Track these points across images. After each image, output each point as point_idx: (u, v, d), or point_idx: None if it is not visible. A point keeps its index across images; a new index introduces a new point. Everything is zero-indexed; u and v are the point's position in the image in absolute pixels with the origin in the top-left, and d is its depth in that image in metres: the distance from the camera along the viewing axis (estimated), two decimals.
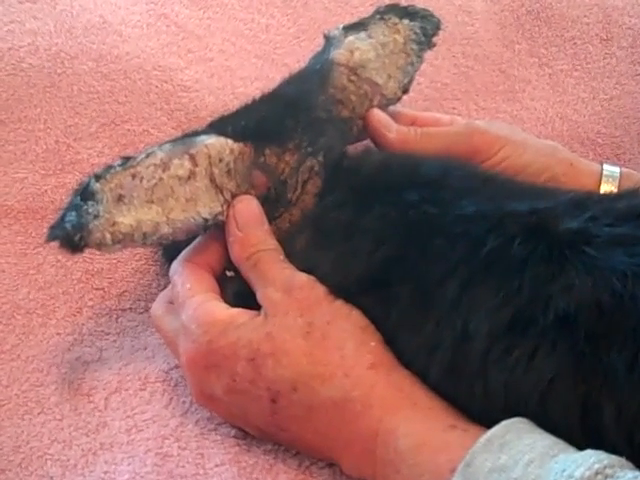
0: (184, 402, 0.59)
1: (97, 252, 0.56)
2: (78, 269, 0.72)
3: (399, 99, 0.71)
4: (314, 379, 0.51)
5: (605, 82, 0.88)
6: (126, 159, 0.55)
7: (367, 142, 0.70)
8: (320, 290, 0.54)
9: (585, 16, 0.92)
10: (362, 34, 0.70)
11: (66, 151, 0.77)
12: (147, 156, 0.55)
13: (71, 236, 0.52)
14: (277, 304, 0.53)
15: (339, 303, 0.53)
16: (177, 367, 0.62)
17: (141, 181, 0.55)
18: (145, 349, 0.65)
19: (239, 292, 0.58)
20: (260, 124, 0.61)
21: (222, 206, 0.57)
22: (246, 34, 0.86)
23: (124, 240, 0.54)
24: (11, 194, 0.75)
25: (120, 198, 0.54)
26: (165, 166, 0.55)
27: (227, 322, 0.53)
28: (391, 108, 0.71)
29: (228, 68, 0.83)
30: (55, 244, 0.53)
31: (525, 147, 0.67)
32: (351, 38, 0.70)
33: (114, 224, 0.53)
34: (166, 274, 0.63)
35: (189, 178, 0.56)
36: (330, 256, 0.56)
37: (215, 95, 0.81)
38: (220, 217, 0.57)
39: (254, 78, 0.83)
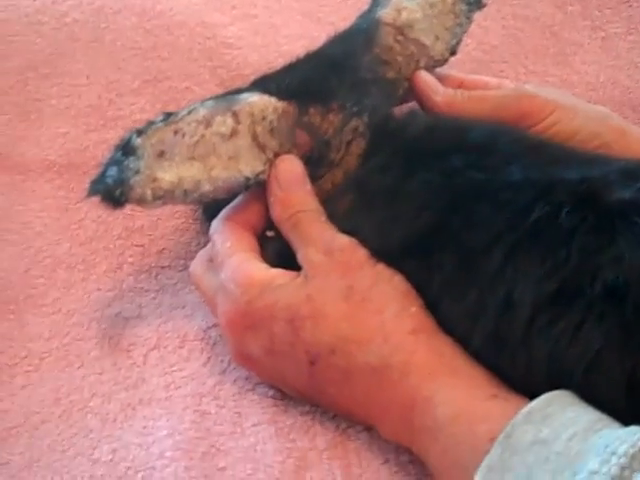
0: (222, 361, 0.59)
1: (138, 208, 0.56)
2: (118, 225, 0.71)
3: (446, 61, 0.69)
4: (352, 343, 0.50)
5: None
6: (168, 115, 0.54)
7: (413, 104, 0.68)
8: (361, 253, 0.53)
9: None
10: None
11: (108, 107, 0.76)
12: (189, 112, 0.55)
13: (112, 191, 0.52)
14: (317, 266, 0.53)
15: (381, 267, 0.52)
16: (215, 325, 0.61)
17: (183, 137, 0.54)
18: (184, 307, 0.65)
19: (279, 252, 0.57)
20: (304, 83, 0.59)
21: (264, 165, 0.56)
22: None
23: (165, 197, 0.53)
24: (53, 149, 0.75)
25: (161, 154, 0.53)
26: (207, 123, 0.55)
27: (266, 283, 0.53)
28: (438, 70, 0.69)
29: (273, 25, 0.82)
30: (96, 199, 0.53)
31: (576, 112, 0.65)
32: None
33: (155, 180, 0.53)
34: (206, 232, 0.63)
35: (231, 136, 0.55)
36: (373, 220, 0.55)
37: (259, 53, 0.80)
38: (262, 176, 0.56)
39: (299, 36, 0.82)
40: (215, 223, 0.58)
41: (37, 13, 0.80)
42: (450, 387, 0.47)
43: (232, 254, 0.55)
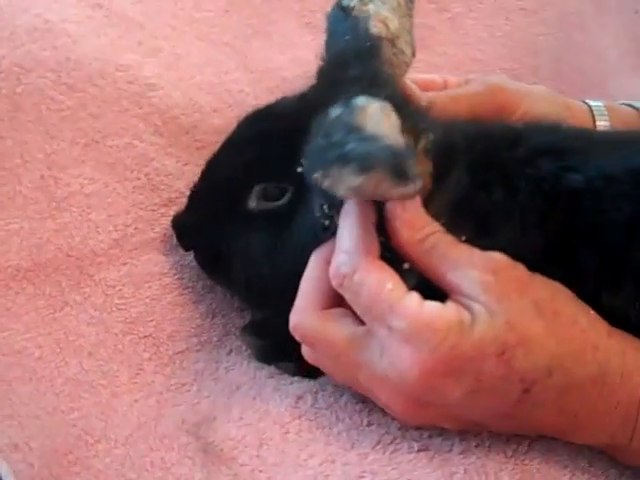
0: None
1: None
2: (116, 319, 0.68)
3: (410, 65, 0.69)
4: (567, 359, 0.50)
5: (497, 20, 0.96)
6: None
7: None
8: (521, 267, 0.52)
9: None
10: (381, 4, 0.69)
11: (55, 186, 0.70)
12: None
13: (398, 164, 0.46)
14: (492, 288, 0.51)
15: (542, 277, 0.53)
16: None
17: None
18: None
19: (418, 284, 0.54)
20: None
21: None
22: (180, 14, 0.81)
23: None
24: (12, 251, 0.68)
25: None
26: None
27: (457, 322, 0.49)
28: None
29: (178, 56, 0.79)
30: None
31: (535, 97, 0.71)
32: (373, 7, 0.68)
33: None
34: None
35: None
36: (498, 239, 0.55)
37: (179, 89, 0.77)
38: None
39: (206, 63, 0.80)
40: (344, 259, 0.52)
41: None
42: None
43: (401, 297, 0.50)
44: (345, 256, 0.52)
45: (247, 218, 0.64)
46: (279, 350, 0.68)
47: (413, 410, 0.53)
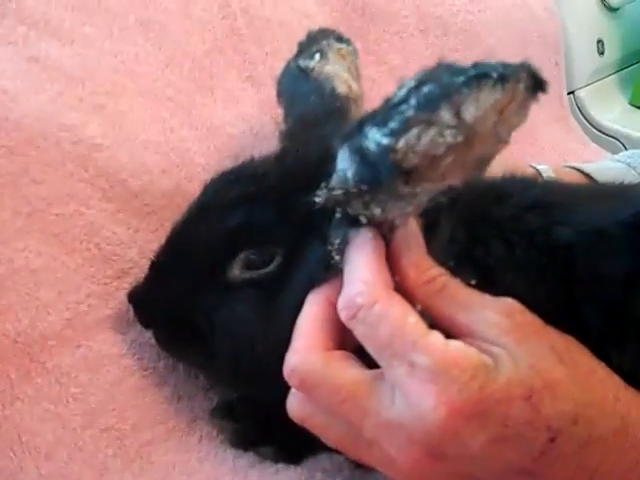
0: None
1: None
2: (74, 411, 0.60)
3: None
4: (591, 407, 0.47)
5: None
6: None
7: None
8: (530, 313, 0.50)
9: (402, 10, 0.96)
10: (337, 66, 0.68)
11: None
12: None
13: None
14: (510, 330, 0.48)
15: (552, 327, 0.50)
16: None
17: None
18: None
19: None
20: None
21: None
22: (120, 69, 0.74)
23: None
24: None
25: None
26: None
27: (484, 363, 0.46)
28: None
29: (122, 113, 0.72)
30: None
31: None
32: (332, 68, 0.67)
33: None
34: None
35: None
36: (504, 292, 0.52)
37: (126, 149, 0.71)
38: None
39: (150, 121, 0.75)
40: (361, 288, 0.48)
41: None
42: None
43: (425, 333, 0.47)
44: (363, 286, 0.48)
45: (228, 288, 0.58)
46: (257, 433, 0.63)
47: (425, 464, 0.47)
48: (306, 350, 0.50)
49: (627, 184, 0.66)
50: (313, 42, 0.73)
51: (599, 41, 1.32)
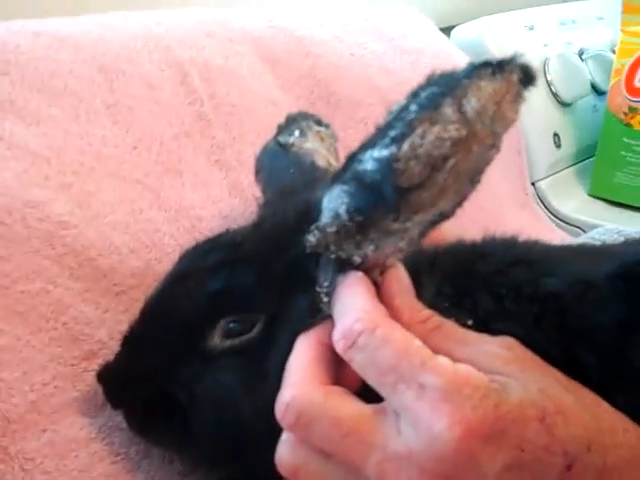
0: None
1: None
2: None
3: None
4: (603, 435, 0.45)
5: None
6: None
7: None
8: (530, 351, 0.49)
9: (367, 97, 0.97)
10: (317, 144, 0.69)
11: None
12: None
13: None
14: (512, 361, 0.47)
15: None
16: None
17: None
18: None
19: None
20: None
21: None
22: (87, 150, 0.73)
23: None
24: None
25: None
26: None
27: (488, 383, 0.44)
28: None
29: (90, 193, 0.71)
30: None
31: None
32: (311, 144, 0.68)
33: None
34: None
35: None
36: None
37: (93, 227, 0.69)
38: None
39: (119, 202, 0.73)
40: (359, 315, 0.47)
41: None
42: None
43: (433, 355, 0.45)
44: (361, 313, 0.47)
45: (209, 358, 0.55)
46: None
47: None
48: (302, 383, 0.47)
49: (608, 244, 0.66)
50: (292, 123, 0.74)
51: (555, 134, 1.35)
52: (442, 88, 0.45)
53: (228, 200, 0.81)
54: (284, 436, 0.48)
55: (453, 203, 0.48)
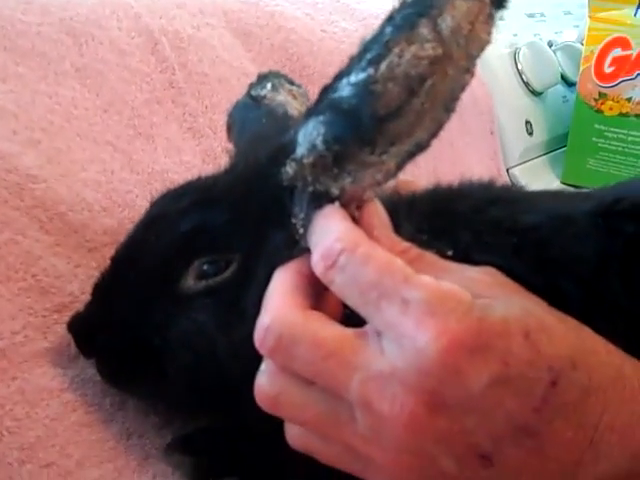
0: None
1: None
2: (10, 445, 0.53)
3: None
4: (588, 354, 0.45)
5: None
6: None
7: None
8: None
9: None
10: (289, 99, 0.69)
11: None
12: None
13: None
14: (494, 286, 0.46)
15: None
16: None
17: None
18: None
19: None
20: None
21: None
22: (56, 109, 0.71)
23: None
24: None
25: None
26: None
27: (474, 299, 0.44)
28: None
29: (59, 150, 0.69)
30: None
31: None
32: (283, 97, 0.67)
33: None
34: None
35: None
36: None
37: (64, 183, 0.67)
38: None
39: (90, 161, 0.71)
40: (340, 235, 0.45)
41: None
42: None
43: (414, 272, 0.44)
44: (341, 233, 0.45)
45: (183, 300, 0.54)
46: (218, 464, 0.56)
47: (421, 418, 0.42)
48: (282, 307, 0.45)
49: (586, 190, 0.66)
50: (264, 79, 0.73)
51: (527, 122, 1.36)
52: (417, 8, 0.44)
53: (201, 166, 0.80)
54: (263, 366, 0.47)
55: (429, 132, 0.47)
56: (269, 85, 0.70)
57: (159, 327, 0.54)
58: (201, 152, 0.81)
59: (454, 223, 0.54)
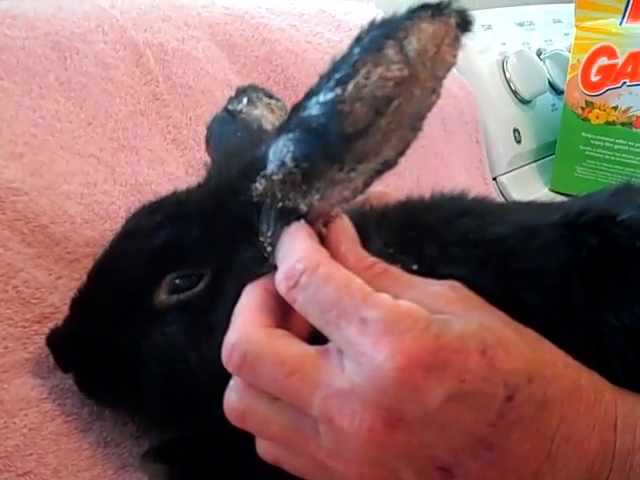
0: None
1: None
2: None
3: None
4: (544, 367, 0.46)
5: None
6: None
7: None
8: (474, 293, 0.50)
9: None
10: (265, 112, 0.70)
11: None
12: None
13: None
14: (455, 301, 0.47)
15: None
16: None
17: None
18: None
19: None
20: None
21: None
22: (40, 123, 0.73)
23: None
24: None
25: None
26: None
27: (432, 316, 0.45)
28: None
29: (42, 164, 0.70)
30: None
31: None
32: (259, 112, 0.68)
33: None
34: None
35: None
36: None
37: (46, 197, 0.69)
38: None
39: (72, 173, 0.72)
40: (302, 256, 0.47)
41: None
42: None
43: (374, 291, 0.45)
44: (303, 253, 0.47)
45: (156, 315, 0.55)
46: (193, 473, 0.57)
47: (380, 434, 0.43)
48: (247, 325, 0.47)
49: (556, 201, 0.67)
50: (242, 94, 0.74)
51: (515, 130, 1.37)
52: (384, 30, 0.45)
53: (185, 178, 0.81)
54: (231, 382, 0.49)
55: (396, 151, 0.48)
56: (245, 100, 0.71)
57: (134, 341, 0.55)
58: (185, 163, 0.82)
59: (422, 236, 0.56)
